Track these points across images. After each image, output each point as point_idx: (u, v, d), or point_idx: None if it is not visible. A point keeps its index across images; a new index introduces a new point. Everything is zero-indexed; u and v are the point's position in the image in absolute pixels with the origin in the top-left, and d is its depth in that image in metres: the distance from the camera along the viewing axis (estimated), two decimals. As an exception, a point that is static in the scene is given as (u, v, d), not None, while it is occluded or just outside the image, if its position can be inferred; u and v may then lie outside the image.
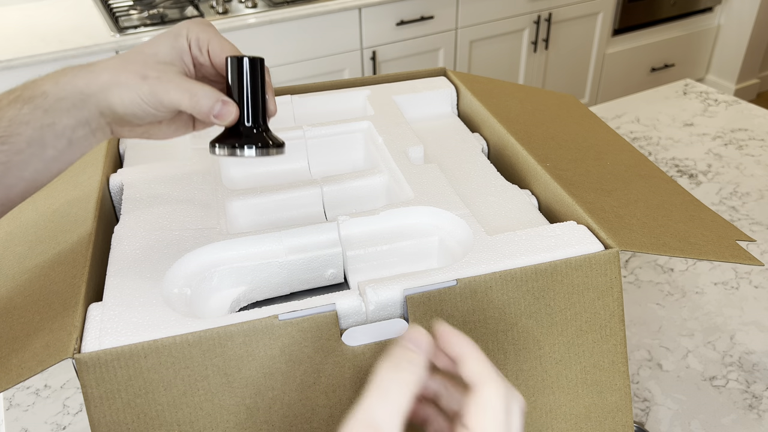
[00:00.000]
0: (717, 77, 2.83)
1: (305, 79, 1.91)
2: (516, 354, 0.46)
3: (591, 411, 0.49)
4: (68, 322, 0.41)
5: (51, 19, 1.75)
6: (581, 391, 0.48)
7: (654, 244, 0.48)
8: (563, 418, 0.48)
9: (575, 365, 0.48)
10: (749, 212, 0.96)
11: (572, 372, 0.48)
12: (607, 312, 0.47)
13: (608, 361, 0.48)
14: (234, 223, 0.56)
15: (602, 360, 0.48)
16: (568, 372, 0.48)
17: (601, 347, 0.48)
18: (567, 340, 0.47)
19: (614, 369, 0.48)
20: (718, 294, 0.82)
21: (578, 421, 0.49)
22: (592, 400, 0.49)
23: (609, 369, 0.48)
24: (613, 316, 0.47)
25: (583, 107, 0.75)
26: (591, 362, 0.48)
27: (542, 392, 0.47)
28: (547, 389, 0.47)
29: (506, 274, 0.45)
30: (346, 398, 0.43)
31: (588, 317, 0.47)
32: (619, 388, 0.49)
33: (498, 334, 0.45)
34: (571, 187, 0.54)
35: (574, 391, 0.48)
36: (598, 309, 0.47)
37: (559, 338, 0.47)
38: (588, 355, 0.48)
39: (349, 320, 0.43)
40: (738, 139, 1.14)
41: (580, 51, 2.40)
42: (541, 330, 0.46)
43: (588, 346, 0.48)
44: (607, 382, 0.49)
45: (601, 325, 0.47)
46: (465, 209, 0.53)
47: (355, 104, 0.73)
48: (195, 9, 1.78)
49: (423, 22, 2.01)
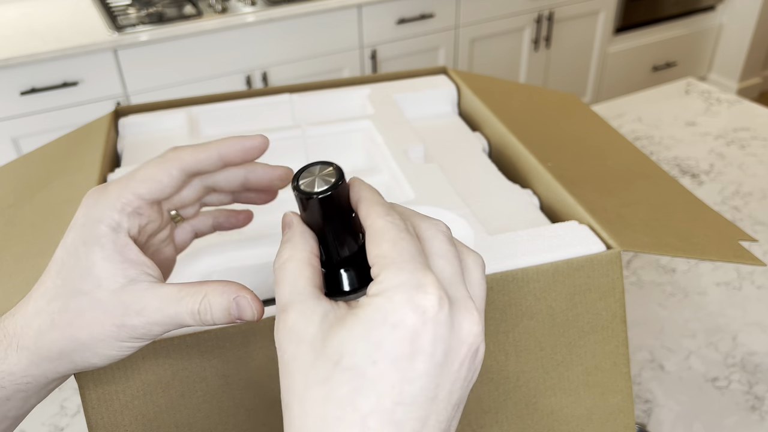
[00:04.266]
0: (719, 76, 2.82)
1: (304, 78, 1.90)
2: (517, 355, 0.46)
3: (593, 413, 0.48)
4: (64, 323, 0.41)
5: (49, 18, 1.75)
6: (583, 392, 0.48)
7: (656, 245, 0.48)
8: (565, 420, 0.48)
9: (577, 366, 0.47)
10: (752, 212, 0.95)
11: (574, 374, 0.47)
12: (609, 313, 0.47)
13: (610, 363, 0.48)
14: (233, 223, 0.55)
15: (604, 361, 0.48)
16: (569, 374, 0.47)
17: (603, 348, 0.47)
18: (568, 341, 0.47)
19: (616, 371, 0.48)
20: (720, 294, 0.82)
21: (580, 423, 0.48)
22: (593, 401, 0.48)
23: (611, 371, 0.48)
24: (615, 317, 0.47)
25: (584, 106, 0.75)
26: (593, 364, 0.47)
27: (543, 394, 0.47)
28: (549, 391, 0.47)
29: (507, 274, 0.44)
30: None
31: (590, 318, 0.47)
32: (621, 390, 0.48)
33: (499, 335, 0.45)
34: (572, 187, 0.54)
35: (576, 393, 0.48)
36: (599, 310, 0.47)
37: (561, 339, 0.46)
38: (590, 356, 0.47)
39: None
40: (740, 139, 1.14)
41: (582, 50, 2.40)
42: (542, 331, 0.46)
43: (590, 348, 0.47)
44: (609, 383, 0.48)
45: (603, 326, 0.47)
46: (466, 209, 0.52)
47: (355, 103, 0.72)
48: (193, 7, 1.78)
49: (423, 21, 2.00)
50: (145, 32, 1.66)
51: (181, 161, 0.33)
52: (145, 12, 1.76)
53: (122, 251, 0.31)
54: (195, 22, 1.71)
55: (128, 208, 0.32)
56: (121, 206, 0.31)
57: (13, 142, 1.65)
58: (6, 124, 1.62)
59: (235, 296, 0.31)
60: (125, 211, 0.32)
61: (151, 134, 0.67)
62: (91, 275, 0.31)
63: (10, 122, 1.63)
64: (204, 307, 0.31)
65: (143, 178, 0.32)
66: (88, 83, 1.65)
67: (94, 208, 0.31)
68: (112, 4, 1.80)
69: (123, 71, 1.68)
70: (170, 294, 0.31)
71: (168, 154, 0.33)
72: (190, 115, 0.68)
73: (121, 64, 1.67)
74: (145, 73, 1.72)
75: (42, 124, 1.65)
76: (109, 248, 0.31)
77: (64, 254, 0.32)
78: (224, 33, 1.75)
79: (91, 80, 1.65)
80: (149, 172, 0.32)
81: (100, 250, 0.31)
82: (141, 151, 0.64)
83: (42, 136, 1.65)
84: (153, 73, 1.73)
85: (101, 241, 0.31)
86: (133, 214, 0.32)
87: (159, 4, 1.81)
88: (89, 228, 0.31)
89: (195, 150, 0.33)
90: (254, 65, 1.83)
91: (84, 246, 0.31)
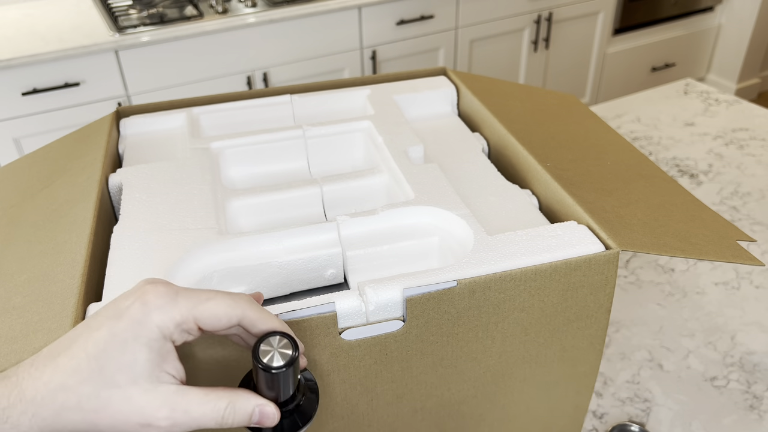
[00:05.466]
0: (718, 77, 2.82)
1: (305, 79, 1.91)
2: (503, 340, 0.48)
3: (561, 379, 0.52)
4: (67, 321, 0.41)
5: (50, 19, 1.76)
6: (556, 365, 0.51)
7: (655, 244, 0.48)
8: (535, 385, 0.52)
9: (555, 345, 0.50)
10: (750, 212, 0.96)
11: (551, 351, 0.50)
12: (596, 305, 0.49)
13: (587, 343, 0.51)
14: (234, 223, 0.56)
15: (582, 342, 0.51)
16: (547, 351, 0.50)
17: (583, 332, 0.50)
18: (553, 328, 0.49)
19: (591, 348, 0.51)
20: (719, 294, 0.82)
21: (548, 388, 0.53)
22: (563, 371, 0.52)
23: (586, 349, 0.51)
24: (600, 307, 0.49)
25: (583, 107, 0.75)
26: (571, 344, 0.50)
27: (520, 366, 0.50)
28: (525, 363, 0.50)
29: (506, 274, 0.45)
30: (343, 397, 0.43)
31: (577, 310, 0.49)
32: (590, 361, 0.52)
33: (489, 326, 0.47)
34: (571, 187, 0.54)
35: (550, 365, 0.51)
36: (588, 303, 0.49)
37: (547, 327, 0.49)
38: (570, 338, 0.50)
39: (349, 320, 0.43)
40: (739, 139, 1.14)
41: (581, 50, 2.40)
42: (530, 321, 0.48)
43: (571, 332, 0.50)
44: (581, 357, 0.52)
45: (588, 315, 0.49)
46: (465, 209, 0.53)
47: (355, 104, 0.73)
48: (194, 8, 1.78)
49: (423, 22, 2.00)
50: (146, 33, 1.66)
51: (245, 318, 0.35)
52: (147, 13, 1.76)
53: (164, 356, 0.34)
54: (196, 23, 1.71)
55: (184, 326, 0.34)
56: (180, 322, 0.33)
57: (15, 142, 1.66)
58: (7, 124, 1.63)
59: (257, 404, 0.35)
60: (181, 328, 0.34)
61: (153, 135, 0.67)
62: (131, 371, 0.32)
63: (11, 122, 1.63)
64: (229, 412, 0.34)
65: (210, 313, 0.34)
66: (89, 84, 1.65)
67: (157, 312, 0.33)
68: (113, 5, 1.80)
69: (124, 72, 1.69)
70: (198, 398, 0.33)
71: (240, 302, 0.35)
72: (191, 116, 0.68)
73: (123, 65, 1.67)
74: (147, 73, 1.72)
75: (43, 125, 1.66)
76: (155, 351, 0.33)
77: (109, 341, 0.32)
78: (225, 34, 1.76)
79: (93, 81, 1.65)
80: (218, 310, 0.35)
81: (148, 351, 0.33)
82: (142, 151, 0.64)
83: (43, 136, 1.66)
84: (154, 74, 1.73)
85: (151, 344, 0.33)
86: (186, 333, 0.34)
87: (160, 5, 1.81)
88: (145, 328, 0.33)
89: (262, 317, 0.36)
90: (255, 66, 1.83)
91: (134, 342, 0.32)
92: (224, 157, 0.63)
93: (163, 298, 0.33)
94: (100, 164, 0.59)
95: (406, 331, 0.44)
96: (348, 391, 0.46)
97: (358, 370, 0.45)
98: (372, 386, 0.46)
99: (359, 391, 0.46)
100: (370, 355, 0.44)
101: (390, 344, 0.44)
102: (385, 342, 0.44)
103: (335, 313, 0.42)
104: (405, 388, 0.48)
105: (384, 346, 0.44)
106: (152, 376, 0.33)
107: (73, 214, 0.53)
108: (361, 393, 0.46)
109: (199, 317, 0.34)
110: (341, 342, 0.43)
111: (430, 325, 0.45)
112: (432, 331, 0.45)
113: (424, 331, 0.45)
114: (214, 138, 0.63)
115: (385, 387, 0.47)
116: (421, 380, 0.48)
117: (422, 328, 0.45)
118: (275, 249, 0.51)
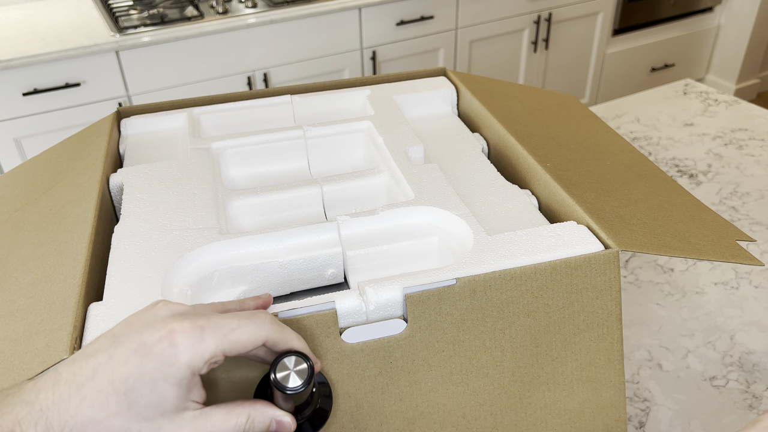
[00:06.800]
0: (717, 77, 2.82)
1: (305, 79, 1.91)
2: (513, 351, 0.46)
3: (585, 406, 0.49)
4: (68, 322, 0.41)
5: (51, 19, 1.76)
6: (576, 387, 0.49)
7: (654, 244, 0.48)
8: (557, 413, 0.49)
9: (571, 362, 0.48)
10: (749, 212, 0.96)
11: (568, 369, 0.48)
12: (605, 311, 0.47)
13: (604, 359, 0.48)
14: (234, 223, 0.56)
15: (598, 358, 0.48)
16: (563, 369, 0.48)
17: (597, 345, 0.48)
18: (564, 338, 0.47)
19: (610, 366, 0.49)
20: (718, 294, 0.82)
21: (572, 417, 0.49)
22: (586, 396, 0.49)
23: (605, 366, 0.48)
24: (610, 315, 0.47)
25: (583, 107, 0.75)
26: (587, 360, 0.48)
27: (537, 388, 0.48)
28: (543, 386, 0.48)
29: (506, 273, 0.45)
30: (344, 396, 0.43)
31: (586, 316, 0.47)
32: (614, 385, 0.49)
33: (496, 332, 0.45)
34: (571, 187, 0.54)
35: (569, 388, 0.48)
36: (596, 308, 0.47)
37: (557, 336, 0.47)
38: (584, 352, 0.48)
39: (349, 320, 0.43)
40: (738, 139, 1.14)
41: (580, 51, 2.40)
42: (538, 328, 0.46)
43: (585, 344, 0.48)
44: (602, 379, 0.49)
45: (598, 323, 0.48)
46: (465, 209, 0.53)
47: (355, 104, 0.73)
48: (195, 9, 1.78)
49: (423, 22, 2.01)
50: (147, 33, 1.66)
51: (269, 341, 0.37)
52: (147, 13, 1.76)
53: (192, 388, 0.35)
54: (197, 23, 1.71)
55: (213, 360, 0.35)
56: (210, 358, 0.34)
57: (16, 142, 1.66)
58: (8, 124, 1.63)
59: (274, 416, 0.37)
60: (210, 362, 0.35)
61: (153, 135, 0.67)
62: (159, 406, 0.34)
63: (12, 123, 1.63)
64: (249, 426, 0.36)
65: (237, 345, 0.35)
66: (90, 84, 1.65)
67: (186, 353, 0.34)
68: (114, 5, 1.80)
69: (125, 72, 1.69)
70: (221, 418, 0.35)
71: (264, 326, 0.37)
72: (192, 116, 0.68)
73: (123, 66, 1.67)
74: (147, 74, 1.72)
75: (44, 125, 1.66)
76: (184, 388, 0.34)
77: (138, 380, 0.33)
78: (226, 34, 1.76)
79: (94, 81, 1.66)
80: (244, 339, 0.35)
81: (177, 389, 0.34)
82: (143, 151, 0.65)
83: (44, 136, 1.66)
84: (155, 74, 1.73)
85: (181, 383, 0.34)
86: (213, 364, 0.35)
87: (161, 5, 1.82)
88: (175, 368, 0.34)
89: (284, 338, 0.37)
90: (255, 66, 1.84)
91: (164, 383, 0.33)
92: (225, 157, 0.64)
93: (192, 338, 0.34)
94: (101, 164, 0.59)
95: (410, 335, 0.44)
96: (354, 410, 0.44)
97: (363, 382, 0.44)
98: (380, 406, 0.44)
99: (366, 410, 0.44)
100: (374, 362, 0.43)
101: (394, 350, 0.44)
102: (389, 347, 0.43)
103: (336, 312, 0.42)
104: (416, 410, 0.45)
105: (388, 351, 0.43)
106: (179, 407, 0.34)
107: (74, 214, 0.53)
108: (370, 414, 0.44)
109: (228, 348, 0.35)
110: (343, 345, 0.43)
111: (433, 328, 0.44)
112: (436, 337, 0.44)
113: (428, 335, 0.44)
114: (215, 138, 0.64)
115: (393, 408, 0.45)
116: (432, 400, 0.45)
117: (425, 331, 0.44)
118: (276, 249, 0.51)
